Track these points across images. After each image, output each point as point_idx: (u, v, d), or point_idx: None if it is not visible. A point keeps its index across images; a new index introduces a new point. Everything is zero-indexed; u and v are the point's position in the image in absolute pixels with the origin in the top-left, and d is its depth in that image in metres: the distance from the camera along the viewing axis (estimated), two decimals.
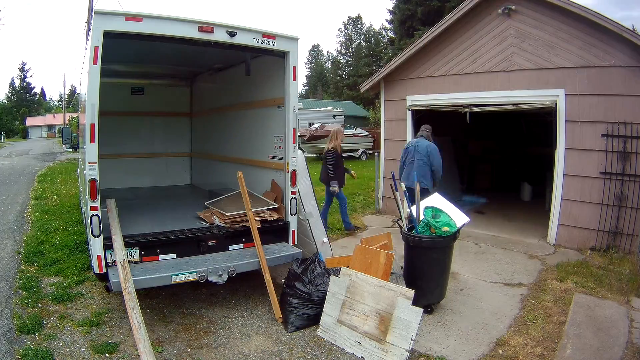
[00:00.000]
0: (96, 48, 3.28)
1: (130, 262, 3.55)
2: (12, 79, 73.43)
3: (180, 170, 7.62)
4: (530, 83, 6.24)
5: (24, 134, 56.83)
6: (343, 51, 59.42)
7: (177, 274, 3.58)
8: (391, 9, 29.13)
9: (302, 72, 66.32)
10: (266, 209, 4.51)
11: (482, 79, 6.79)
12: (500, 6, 6.44)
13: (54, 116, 57.69)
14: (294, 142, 4.40)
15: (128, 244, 3.62)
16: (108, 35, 3.32)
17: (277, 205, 4.56)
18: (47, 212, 7.57)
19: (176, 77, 7.23)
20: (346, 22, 60.19)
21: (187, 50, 4.72)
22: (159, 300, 4.17)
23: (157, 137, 7.37)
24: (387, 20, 39.89)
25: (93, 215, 3.42)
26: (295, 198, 4.46)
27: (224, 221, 4.27)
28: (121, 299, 3.60)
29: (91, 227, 3.44)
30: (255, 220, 4.27)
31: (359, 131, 21.14)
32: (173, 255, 3.87)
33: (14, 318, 3.69)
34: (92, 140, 3.39)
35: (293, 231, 4.49)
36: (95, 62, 3.28)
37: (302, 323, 3.71)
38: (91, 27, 3.48)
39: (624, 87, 5.52)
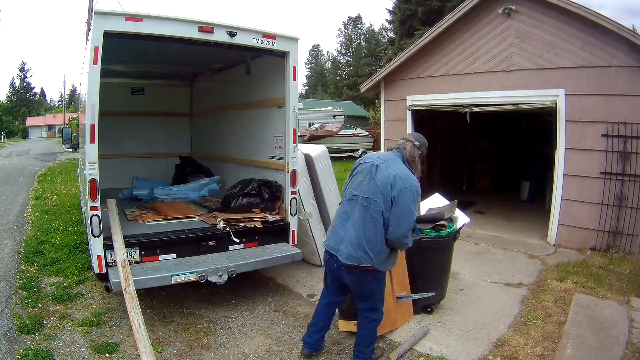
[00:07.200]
0: (96, 48, 3.28)
1: (130, 262, 3.54)
2: (12, 79, 73.61)
3: None
4: (530, 83, 6.23)
5: (24, 134, 56.81)
6: (343, 51, 59.41)
7: (177, 274, 3.57)
8: (391, 9, 29.02)
9: (302, 72, 66.44)
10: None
11: (482, 79, 6.79)
12: (501, 6, 6.43)
13: (54, 116, 57.61)
14: (294, 142, 4.40)
15: (128, 244, 3.62)
16: (108, 36, 3.31)
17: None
18: (47, 212, 7.57)
19: (176, 77, 7.22)
20: (346, 22, 60.25)
21: (187, 50, 4.71)
22: (159, 300, 4.17)
23: (157, 137, 7.37)
24: (387, 20, 39.89)
25: (93, 215, 3.42)
26: (295, 198, 4.46)
27: (225, 222, 4.26)
28: (121, 299, 3.60)
29: (91, 228, 3.44)
30: (257, 220, 4.27)
31: (359, 131, 21.12)
32: (173, 256, 3.87)
33: (14, 318, 3.69)
34: (92, 141, 3.39)
35: (293, 231, 4.49)
36: (95, 63, 3.28)
37: None
38: (91, 27, 3.48)
39: (624, 87, 5.51)
